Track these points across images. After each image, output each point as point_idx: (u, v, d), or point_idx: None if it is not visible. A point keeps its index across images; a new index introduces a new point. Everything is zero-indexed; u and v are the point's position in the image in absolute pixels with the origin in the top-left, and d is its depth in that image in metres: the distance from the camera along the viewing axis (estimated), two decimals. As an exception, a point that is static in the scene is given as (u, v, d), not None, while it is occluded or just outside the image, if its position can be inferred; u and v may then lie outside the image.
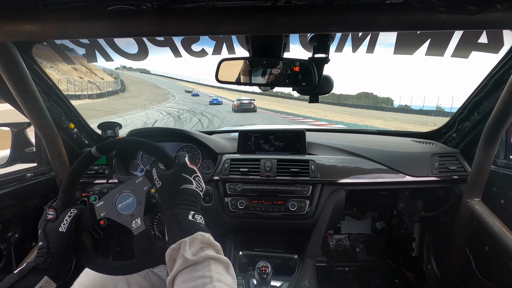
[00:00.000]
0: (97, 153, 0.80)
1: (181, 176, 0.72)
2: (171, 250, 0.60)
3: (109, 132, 1.52)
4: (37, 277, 0.66)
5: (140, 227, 0.77)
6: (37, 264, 0.67)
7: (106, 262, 0.77)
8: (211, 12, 0.62)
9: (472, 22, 0.58)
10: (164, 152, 0.79)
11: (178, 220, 0.65)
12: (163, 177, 0.73)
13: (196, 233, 0.62)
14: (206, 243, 0.61)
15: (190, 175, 0.74)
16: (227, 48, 1.15)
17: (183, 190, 0.70)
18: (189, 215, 0.66)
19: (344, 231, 1.97)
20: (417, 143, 1.59)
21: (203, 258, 0.58)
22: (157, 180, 0.73)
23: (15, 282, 0.63)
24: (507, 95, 0.98)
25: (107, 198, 0.82)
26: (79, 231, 0.78)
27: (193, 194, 0.71)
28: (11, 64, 0.92)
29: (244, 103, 20.02)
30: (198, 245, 0.60)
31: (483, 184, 1.22)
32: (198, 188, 0.74)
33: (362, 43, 1.06)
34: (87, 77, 38.13)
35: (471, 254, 1.39)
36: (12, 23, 0.64)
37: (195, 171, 0.76)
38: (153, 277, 1.03)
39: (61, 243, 0.71)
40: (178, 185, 0.71)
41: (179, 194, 0.69)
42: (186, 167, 0.75)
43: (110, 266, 0.76)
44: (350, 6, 0.60)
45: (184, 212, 0.66)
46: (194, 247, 0.59)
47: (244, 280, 1.21)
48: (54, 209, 0.79)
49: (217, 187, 1.40)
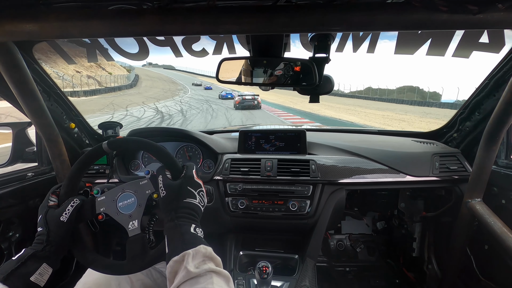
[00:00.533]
0: (108, 149, 0.81)
1: (187, 189, 0.72)
2: (174, 262, 0.59)
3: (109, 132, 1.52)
4: (36, 264, 0.67)
5: (136, 230, 0.78)
6: (36, 251, 0.68)
7: (97, 258, 0.78)
8: (211, 12, 0.62)
9: (473, 22, 0.58)
10: (174, 161, 0.79)
11: (181, 232, 0.65)
12: (169, 187, 0.73)
13: (199, 246, 0.62)
14: (208, 257, 0.62)
15: (195, 189, 0.74)
16: (228, 48, 1.15)
17: (186, 204, 0.70)
18: (191, 228, 0.66)
19: (344, 231, 1.97)
20: (418, 143, 1.59)
21: (205, 271, 0.58)
22: (162, 189, 0.73)
23: (15, 269, 0.63)
24: (508, 95, 0.98)
25: (109, 194, 0.83)
26: (77, 222, 0.78)
27: (195, 209, 0.71)
28: (11, 63, 0.92)
29: (247, 99, 18.32)
30: (200, 258, 0.60)
31: (484, 184, 1.22)
32: (201, 203, 0.74)
33: (363, 42, 1.06)
34: (87, 72, 37.06)
35: (472, 254, 1.39)
36: (13, 22, 0.65)
37: (200, 186, 0.76)
38: (155, 274, 1.03)
39: (61, 232, 0.72)
40: (182, 198, 0.71)
41: (182, 208, 0.70)
42: (192, 181, 0.75)
43: (100, 263, 0.77)
44: (350, 6, 0.60)
45: (186, 224, 0.67)
46: (196, 259, 0.59)
47: (245, 280, 1.22)
48: (57, 196, 0.79)
49: (218, 187, 1.40)
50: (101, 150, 0.82)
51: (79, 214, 0.78)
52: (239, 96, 18.58)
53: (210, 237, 1.61)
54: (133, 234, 0.77)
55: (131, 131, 1.52)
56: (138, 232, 0.78)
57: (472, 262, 1.38)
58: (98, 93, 28.77)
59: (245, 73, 0.92)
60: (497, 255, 1.25)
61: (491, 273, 1.30)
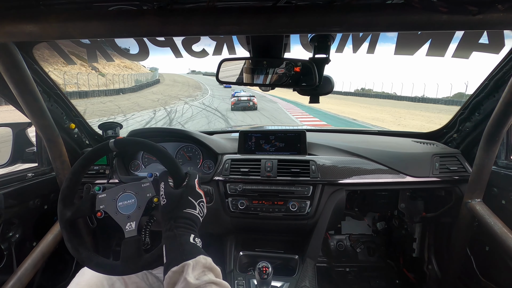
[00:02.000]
0: (114, 147, 0.81)
1: (187, 199, 0.73)
2: (173, 273, 0.59)
3: (109, 132, 1.53)
4: None
5: (132, 232, 0.78)
6: None
7: (91, 256, 0.79)
8: (211, 13, 0.62)
9: (473, 23, 0.58)
10: (178, 168, 0.79)
11: (180, 242, 0.64)
12: (170, 196, 0.73)
13: (199, 256, 0.61)
14: (208, 267, 0.61)
15: (196, 199, 0.74)
16: (228, 48, 1.15)
17: (185, 214, 0.70)
18: (190, 238, 0.66)
19: (344, 231, 1.97)
20: (417, 143, 1.59)
21: (205, 283, 0.57)
22: (163, 196, 0.73)
23: None
24: (508, 96, 0.98)
25: (110, 192, 0.83)
26: (77, 216, 0.79)
27: (194, 220, 0.71)
28: (12, 64, 0.92)
29: (242, 100, 17.83)
30: (200, 268, 0.60)
31: (484, 185, 1.22)
32: (200, 213, 0.74)
33: (363, 43, 1.06)
34: (120, 70, 37.22)
35: (472, 254, 1.39)
36: (13, 23, 0.65)
37: (201, 196, 0.76)
38: (151, 279, 1.02)
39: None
40: (182, 208, 0.71)
41: (181, 218, 0.70)
42: (194, 191, 0.75)
43: (93, 261, 0.77)
44: (350, 7, 0.60)
45: (185, 234, 0.66)
46: (196, 270, 0.59)
47: (245, 281, 1.21)
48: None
49: (218, 187, 1.40)
50: (107, 148, 0.82)
51: (77, 210, 0.79)
52: (234, 97, 18.22)
53: (210, 237, 1.63)
54: (129, 235, 0.78)
55: (131, 131, 1.52)
56: (135, 234, 0.78)
57: (472, 262, 1.38)
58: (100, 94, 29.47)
59: (245, 74, 0.93)
60: (497, 256, 1.25)
61: (491, 273, 1.30)
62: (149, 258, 0.75)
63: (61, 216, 0.80)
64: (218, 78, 0.93)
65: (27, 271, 1.10)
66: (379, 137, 1.83)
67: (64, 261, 1.49)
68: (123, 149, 0.85)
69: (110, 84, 31.08)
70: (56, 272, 1.44)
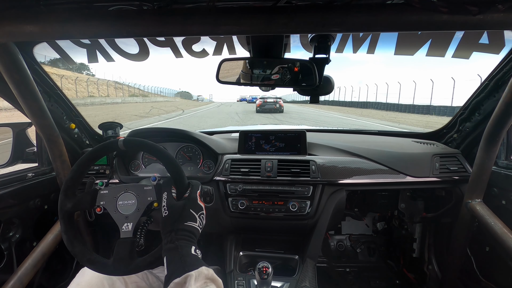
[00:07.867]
0: (123, 146, 0.82)
1: (189, 212, 0.73)
2: (175, 284, 0.59)
3: (110, 132, 1.53)
4: None
5: (128, 233, 0.78)
6: None
7: (84, 251, 0.79)
8: (211, 13, 0.62)
9: (473, 23, 0.58)
10: (182, 177, 0.80)
11: (182, 254, 0.65)
12: (172, 208, 0.74)
13: (201, 268, 0.61)
14: (210, 278, 0.62)
15: (197, 212, 0.75)
16: (228, 48, 1.15)
17: (186, 227, 0.71)
18: (192, 249, 0.66)
19: (344, 231, 1.97)
20: (418, 143, 1.59)
21: None
22: (164, 207, 0.74)
23: None
24: (508, 96, 0.98)
25: (112, 190, 0.83)
26: (76, 209, 0.80)
27: (194, 232, 0.72)
28: (12, 64, 0.92)
29: (268, 102, 18.01)
30: (203, 280, 0.60)
31: (484, 185, 1.22)
32: (200, 226, 0.75)
33: (363, 43, 1.06)
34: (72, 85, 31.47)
35: (472, 255, 1.39)
36: (13, 23, 0.65)
37: (202, 208, 0.77)
38: (151, 279, 1.02)
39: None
40: (184, 221, 0.72)
41: (182, 230, 0.70)
42: (195, 203, 0.76)
43: (85, 256, 0.78)
44: (350, 7, 0.60)
45: (187, 246, 0.67)
46: (199, 281, 0.59)
47: (245, 281, 1.21)
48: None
49: (218, 188, 1.40)
50: (115, 146, 0.82)
51: (78, 202, 0.80)
52: (260, 99, 18.43)
53: (210, 237, 1.62)
54: (124, 236, 0.78)
55: (131, 131, 1.52)
56: (130, 235, 0.78)
57: (473, 262, 1.38)
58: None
59: (245, 74, 0.93)
60: (497, 256, 1.25)
61: (491, 273, 1.30)
62: (140, 262, 0.75)
63: (61, 207, 0.81)
64: (218, 78, 0.93)
65: (27, 271, 1.10)
66: (379, 137, 1.83)
67: (64, 261, 1.49)
68: (131, 149, 0.85)
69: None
70: (56, 272, 1.44)
